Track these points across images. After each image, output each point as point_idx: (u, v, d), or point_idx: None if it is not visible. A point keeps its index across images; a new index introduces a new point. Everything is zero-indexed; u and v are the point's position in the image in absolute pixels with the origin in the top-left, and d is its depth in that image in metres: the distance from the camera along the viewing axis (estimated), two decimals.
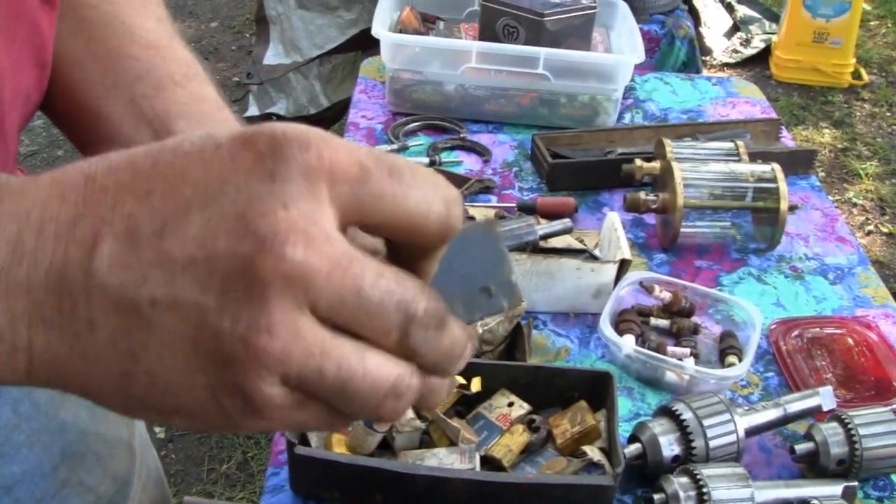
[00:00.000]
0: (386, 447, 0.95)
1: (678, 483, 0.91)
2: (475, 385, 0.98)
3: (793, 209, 1.34)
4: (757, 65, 4.19)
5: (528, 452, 0.97)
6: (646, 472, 0.96)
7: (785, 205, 1.29)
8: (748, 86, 1.87)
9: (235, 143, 0.33)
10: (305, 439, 0.92)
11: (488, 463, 0.94)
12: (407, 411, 0.93)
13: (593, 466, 0.94)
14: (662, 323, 1.19)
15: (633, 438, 0.98)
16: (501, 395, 1.00)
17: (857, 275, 1.33)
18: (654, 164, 1.37)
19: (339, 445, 0.93)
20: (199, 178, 0.33)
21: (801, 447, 0.98)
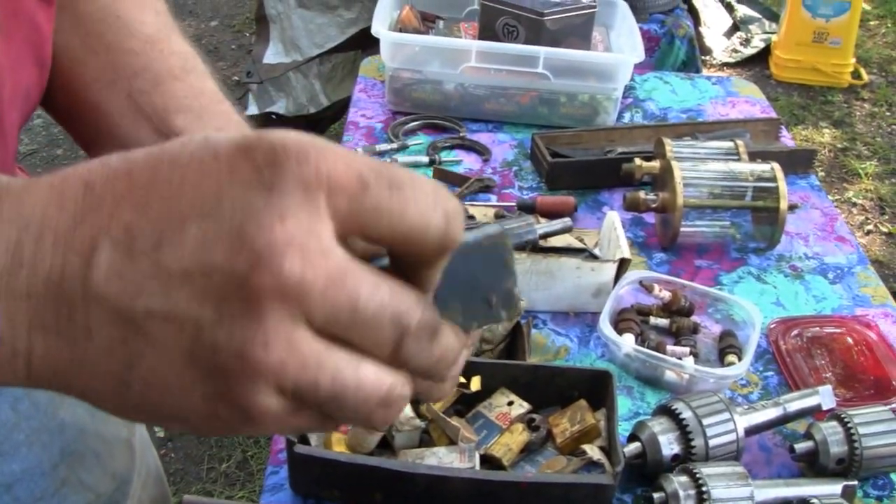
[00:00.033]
0: (385, 446, 0.95)
1: (678, 482, 0.91)
2: (475, 384, 0.99)
3: (792, 208, 1.34)
4: (757, 64, 4.19)
5: (528, 451, 0.97)
6: (645, 471, 0.96)
7: (784, 204, 1.29)
8: (748, 85, 1.87)
9: (234, 152, 0.33)
10: (305, 438, 0.92)
11: (488, 462, 0.94)
12: (406, 410, 0.94)
13: (593, 465, 0.94)
14: (662, 322, 1.19)
15: (632, 437, 0.98)
16: (501, 394, 1.00)
17: (857, 274, 1.33)
18: (654, 164, 1.37)
19: (338, 444, 0.93)
20: (196, 189, 0.33)
21: (801, 446, 0.98)
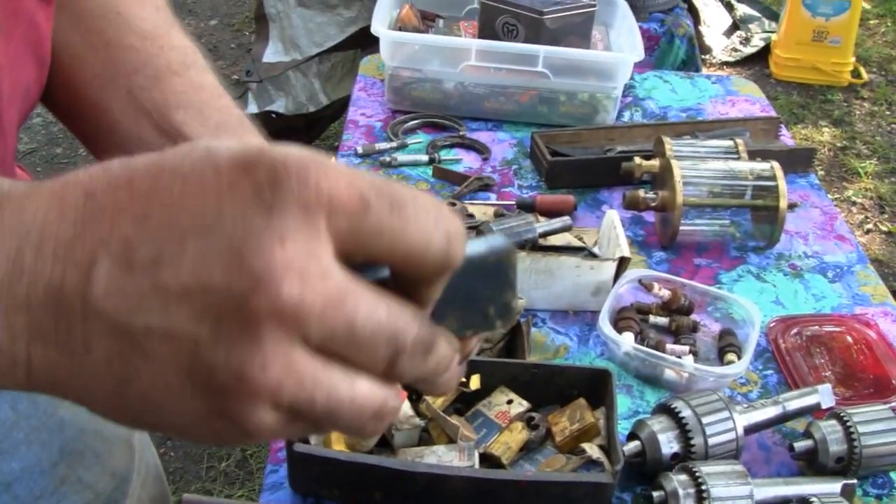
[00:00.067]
0: (385, 445, 0.95)
1: (677, 481, 0.91)
2: (474, 383, 0.98)
3: (792, 207, 1.34)
4: (756, 63, 4.19)
5: (527, 450, 0.97)
6: (645, 469, 0.96)
7: (784, 203, 1.29)
8: (748, 84, 1.87)
9: (235, 168, 0.33)
10: (304, 437, 0.92)
11: (487, 460, 0.94)
12: (405, 409, 0.94)
13: (592, 464, 0.94)
14: (661, 321, 1.19)
15: (632, 436, 0.98)
16: (500, 392, 1.00)
17: (856, 273, 1.33)
18: (654, 162, 1.37)
19: (338, 443, 0.92)
20: (196, 205, 0.33)
21: (800, 445, 0.98)
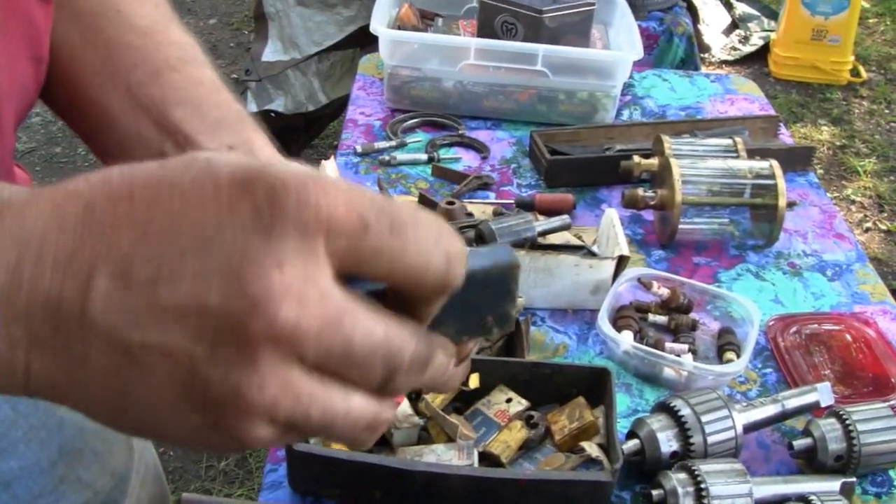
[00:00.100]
0: (384, 443, 0.95)
1: (676, 479, 0.91)
2: (473, 381, 0.98)
3: (791, 206, 1.34)
4: (755, 62, 4.19)
5: (527, 449, 0.97)
6: (644, 468, 0.96)
7: (783, 201, 1.29)
8: (747, 83, 1.87)
9: (234, 187, 0.33)
10: None
11: (486, 459, 0.94)
12: (404, 408, 0.94)
13: (591, 462, 0.94)
14: (660, 319, 1.19)
15: (631, 434, 0.98)
16: (500, 391, 1.00)
17: (856, 271, 1.33)
18: (653, 161, 1.37)
19: (337, 442, 0.92)
20: (195, 224, 0.33)
21: (800, 443, 0.98)
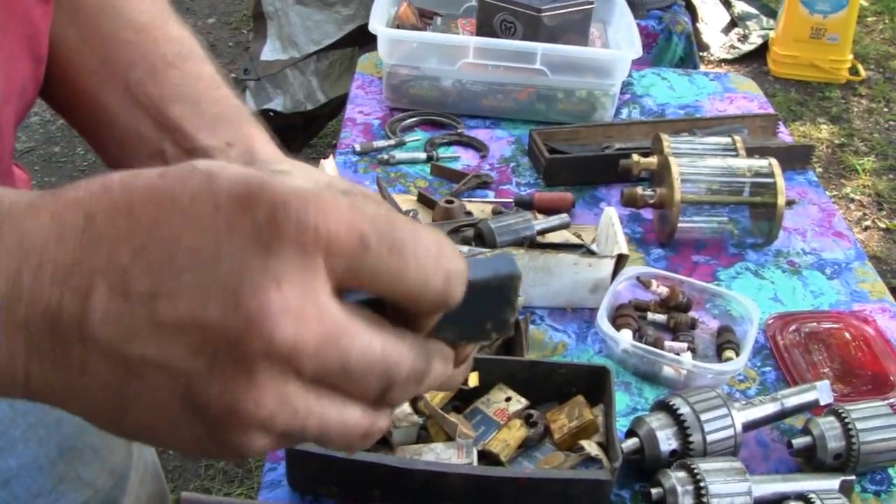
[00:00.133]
0: (383, 442, 0.95)
1: (675, 477, 0.91)
2: (473, 380, 0.98)
3: (790, 204, 1.34)
4: (754, 60, 4.19)
5: (526, 447, 0.97)
6: (643, 466, 0.96)
7: (782, 200, 1.29)
8: (745, 81, 1.87)
9: (234, 205, 0.33)
10: None
11: (486, 458, 0.94)
12: (403, 407, 0.94)
13: (591, 461, 0.94)
14: (660, 318, 1.19)
15: (630, 433, 0.98)
16: (499, 389, 1.00)
17: (855, 270, 1.33)
18: (652, 160, 1.37)
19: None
20: (194, 241, 0.33)
21: (799, 441, 0.98)
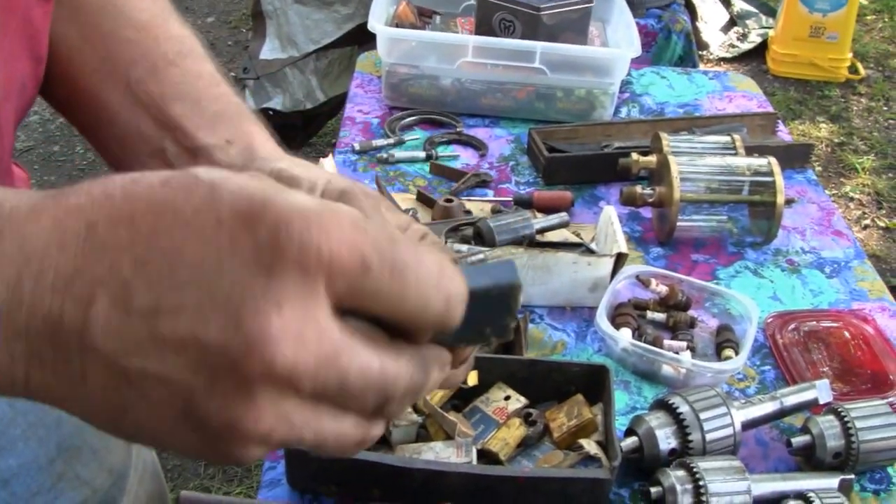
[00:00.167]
0: (383, 441, 0.95)
1: (675, 476, 0.91)
2: (472, 379, 0.98)
3: (789, 203, 1.34)
4: (753, 59, 4.19)
5: (525, 446, 0.97)
6: (642, 465, 0.96)
7: (781, 198, 1.29)
8: (745, 80, 1.87)
9: (237, 221, 0.33)
10: None
11: (485, 457, 0.94)
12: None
13: (590, 460, 0.94)
14: (659, 316, 1.19)
15: (629, 432, 0.98)
16: (498, 388, 1.00)
17: (854, 268, 1.33)
18: (651, 158, 1.37)
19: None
20: (196, 257, 0.33)
21: (798, 440, 0.98)
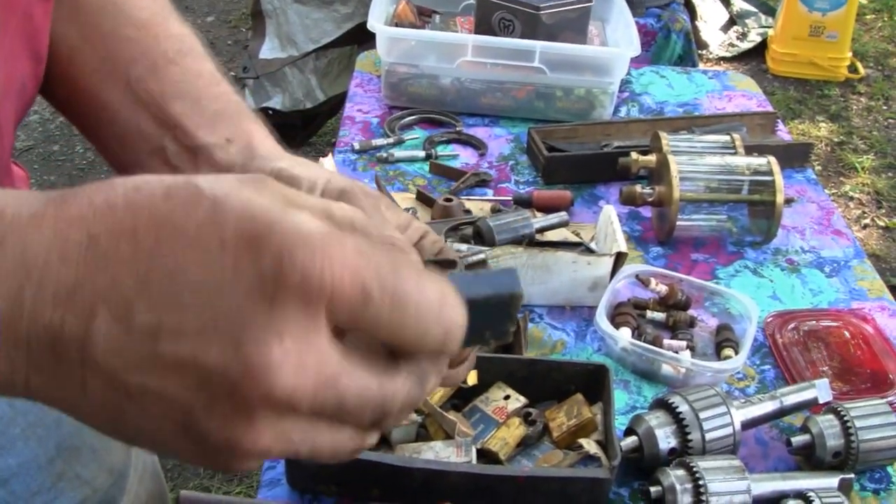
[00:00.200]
0: (383, 441, 0.95)
1: (675, 476, 0.91)
2: (471, 378, 0.98)
3: (789, 202, 1.34)
4: (753, 59, 4.19)
5: (525, 446, 0.97)
6: (642, 464, 0.96)
7: (781, 198, 1.29)
8: (744, 79, 1.86)
9: (240, 244, 0.33)
10: None
11: (485, 456, 0.94)
12: None
13: (590, 459, 0.94)
14: (659, 316, 1.19)
15: (629, 431, 0.98)
16: (498, 388, 1.00)
17: (854, 268, 1.33)
18: (651, 158, 1.37)
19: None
20: (198, 277, 0.33)
21: (798, 439, 0.98)
